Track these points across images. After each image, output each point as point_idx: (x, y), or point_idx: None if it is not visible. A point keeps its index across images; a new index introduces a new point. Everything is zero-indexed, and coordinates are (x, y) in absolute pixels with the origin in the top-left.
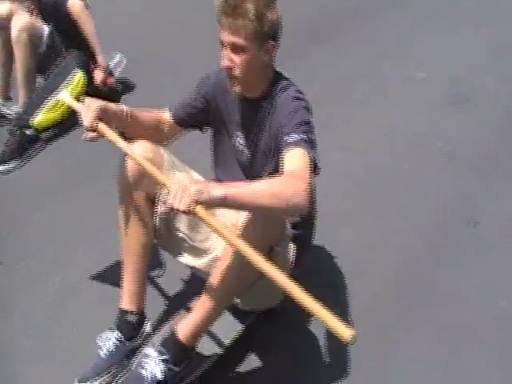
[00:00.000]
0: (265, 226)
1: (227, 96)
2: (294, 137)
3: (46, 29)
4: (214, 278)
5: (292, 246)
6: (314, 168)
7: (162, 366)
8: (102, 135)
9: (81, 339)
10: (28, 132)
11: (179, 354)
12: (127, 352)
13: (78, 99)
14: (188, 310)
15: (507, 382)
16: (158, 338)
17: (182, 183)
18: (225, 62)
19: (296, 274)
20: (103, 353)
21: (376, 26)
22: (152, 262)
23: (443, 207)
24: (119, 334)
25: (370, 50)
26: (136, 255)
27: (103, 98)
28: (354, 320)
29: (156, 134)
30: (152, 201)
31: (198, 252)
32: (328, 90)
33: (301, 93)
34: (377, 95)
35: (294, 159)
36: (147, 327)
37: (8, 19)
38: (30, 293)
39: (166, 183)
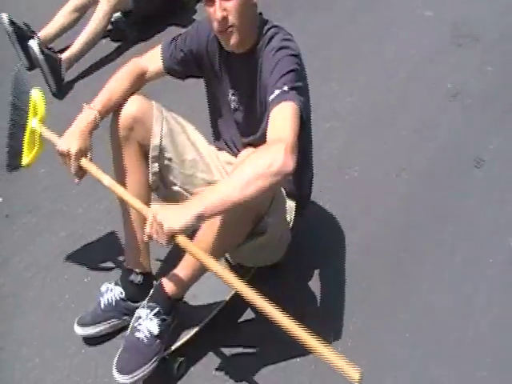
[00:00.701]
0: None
1: (217, 55)
2: (276, 92)
3: None
4: (200, 233)
5: (291, 205)
6: (301, 116)
7: (155, 321)
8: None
9: (84, 293)
10: None
11: (168, 304)
12: (129, 310)
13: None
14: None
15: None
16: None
17: (155, 218)
18: (218, 15)
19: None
20: (103, 303)
21: None
22: None
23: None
24: (121, 291)
25: None
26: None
27: None
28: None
29: (133, 92)
30: (145, 153)
31: None
32: (333, 26)
33: (286, 40)
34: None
35: (276, 119)
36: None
37: None
38: (34, 245)
39: (146, 214)
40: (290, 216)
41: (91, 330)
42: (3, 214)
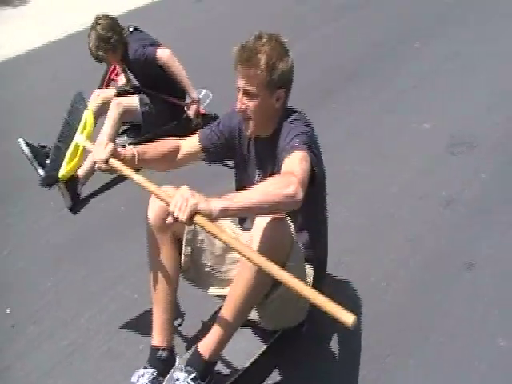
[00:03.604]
0: (272, 239)
1: (246, 139)
2: (290, 144)
3: (136, 99)
4: (229, 294)
5: (309, 271)
6: (312, 168)
7: None
8: (113, 169)
9: None
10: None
11: (204, 369)
12: None
13: (90, 138)
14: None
15: None
16: (182, 360)
17: (183, 195)
18: (238, 106)
19: None
20: None
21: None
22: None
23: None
24: (153, 371)
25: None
26: (165, 293)
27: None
28: None
29: (167, 164)
30: (179, 240)
31: (225, 282)
32: (335, 142)
33: (301, 117)
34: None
35: (289, 161)
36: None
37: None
38: (36, 354)
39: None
40: (310, 281)
41: None
42: (10, 324)
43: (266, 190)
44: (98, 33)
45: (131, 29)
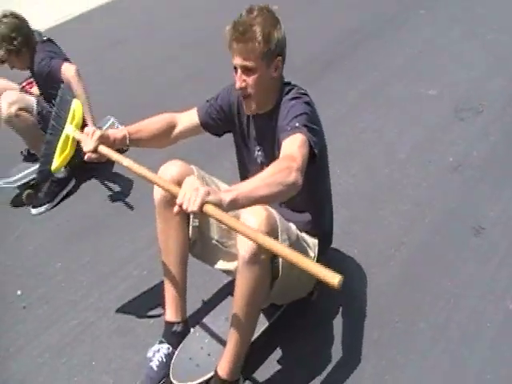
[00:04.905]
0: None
1: (245, 115)
2: (288, 129)
3: (34, 100)
4: (236, 303)
5: (314, 242)
6: (311, 148)
7: None
8: (104, 156)
9: (90, 375)
10: (57, 174)
11: None
12: None
13: (80, 127)
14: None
15: None
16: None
17: (192, 186)
18: (238, 84)
19: None
20: (155, 364)
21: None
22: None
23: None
24: (168, 346)
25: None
26: (176, 267)
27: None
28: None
29: (164, 140)
30: (186, 214)
31: (231, 256)
32: (341, 108)
33: (301, 93)
34: (389, 111)
35: (289, 144)
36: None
37: None
38: (47, 334)
39: (175, 191)
40: (314, 252)
41: None
42: (21, 306)
43: (269, 181)
44: (2, 31)
45: (44, 38)
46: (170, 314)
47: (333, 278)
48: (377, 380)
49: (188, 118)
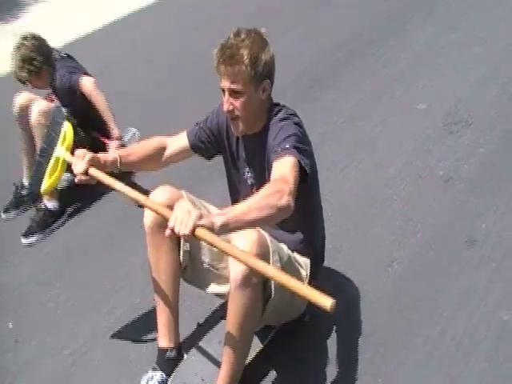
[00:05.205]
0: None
1: (234, 136)
2: (278, 150)
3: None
4: (228, 327)
5: (306, 262)
6: (302, 169)
7: None
8: (95, 178)
9: None
10: (50, 206)
11: None
12: None
13: (71, 150)
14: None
15: None
16: None
17: (183, 209)
18: (226, 107)
19: None
20: None
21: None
22: None
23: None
24: (161, 373)
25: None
26: (168, 292)
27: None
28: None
29: (154, 163)
30: (177, 239)
31: (223, 279)
32: (331, 124)
33: (289, 114)
34: (379, 126)
35: (280, 166)
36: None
37: (28, 108)
38: (40, 366)
39: (167, 214)
40: (306, 272)
41: None
42: (12, 339)
43: (261, 205)
44: (22, 53)
45: (63, 54)
46: (163, 340)
47: (325, 302)
48: None
49: (178, 142)
